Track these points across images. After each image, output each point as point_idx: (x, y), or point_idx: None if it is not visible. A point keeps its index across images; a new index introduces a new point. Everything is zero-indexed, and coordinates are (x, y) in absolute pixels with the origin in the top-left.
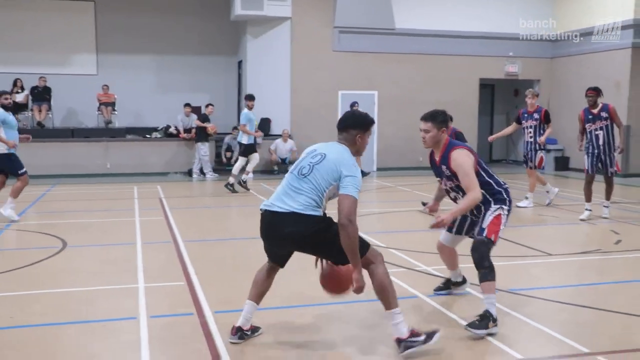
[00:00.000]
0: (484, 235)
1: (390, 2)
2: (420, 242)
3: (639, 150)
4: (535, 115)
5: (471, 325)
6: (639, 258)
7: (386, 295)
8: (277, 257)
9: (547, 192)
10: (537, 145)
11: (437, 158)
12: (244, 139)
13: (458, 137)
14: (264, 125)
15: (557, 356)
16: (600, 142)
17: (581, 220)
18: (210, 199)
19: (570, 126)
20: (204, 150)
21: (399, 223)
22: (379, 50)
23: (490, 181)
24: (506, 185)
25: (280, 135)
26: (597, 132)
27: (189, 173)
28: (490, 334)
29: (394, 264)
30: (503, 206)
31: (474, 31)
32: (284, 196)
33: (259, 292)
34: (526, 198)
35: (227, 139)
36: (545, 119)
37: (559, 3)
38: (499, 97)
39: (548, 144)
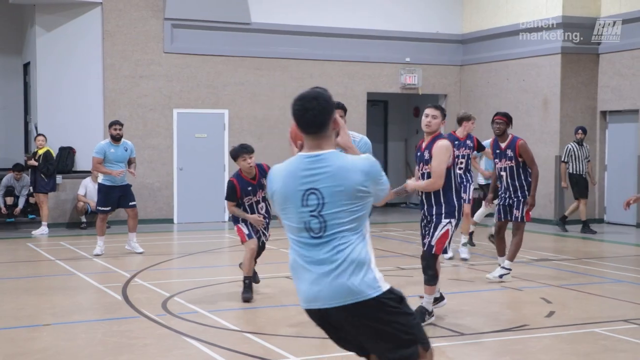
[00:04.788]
0: (433, 251)
1: None
2: (287, 322)
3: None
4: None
5: None
6: (578, 335)
7: None
8: None
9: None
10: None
11: (423, 145)
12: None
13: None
14: (64, 157)
15: None
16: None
17: (490, 279)
18: None
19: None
20: None
21: (258, 296)
22: (229, 52)
23: (453, 185)
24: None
25: (90, 173)
26: (501, 173)
27: None
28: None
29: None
30: (452, 220)
31: (358, 29)
32: None
33: None
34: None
35: (6, 178)
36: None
37: None
38: (395, 116)
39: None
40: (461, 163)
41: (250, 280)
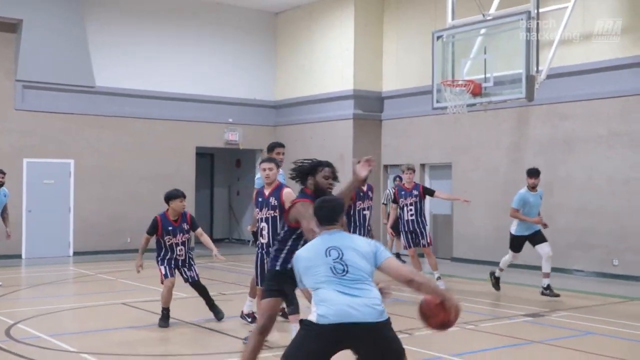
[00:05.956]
0: None
1: (89, 55)
2: (120, 344)
3: None
4: (415, 192)
5: None
6: None
7: None
8: None
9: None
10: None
11: (267, 192)
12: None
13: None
14: None
15: None
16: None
17: None
18: None
19: None
20: None
21: (95, 321)
22: (76, 111)
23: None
24: None
25: None
26: (365, 212)
27: None
28: None
29: None
30: None
31: (189, 93)
32: None
33: None
34: (439, 278)
35: None
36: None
37: (280, 69)
38: (220, 167)
39: None
40: (410, 209)
41: (167, 311)
